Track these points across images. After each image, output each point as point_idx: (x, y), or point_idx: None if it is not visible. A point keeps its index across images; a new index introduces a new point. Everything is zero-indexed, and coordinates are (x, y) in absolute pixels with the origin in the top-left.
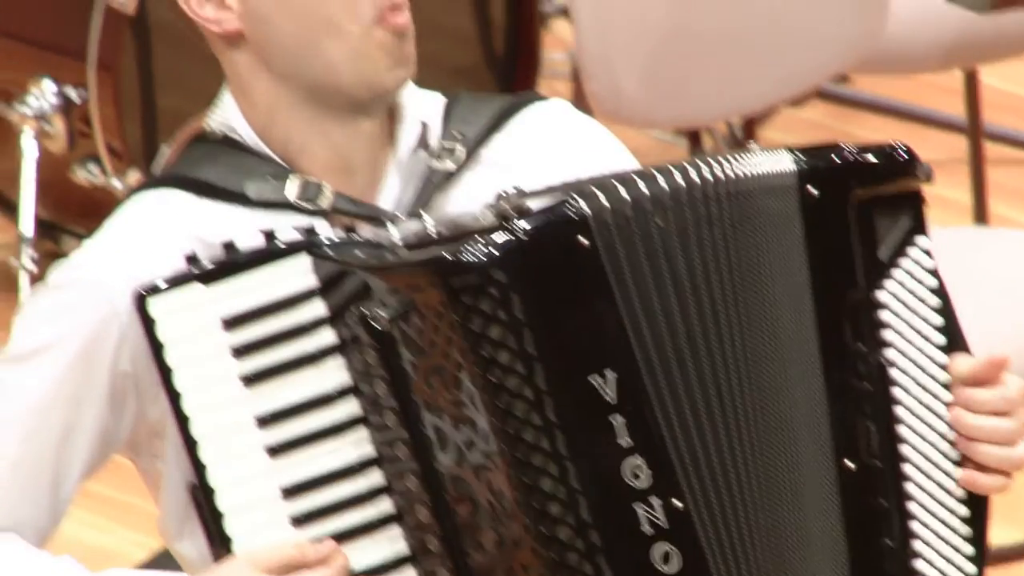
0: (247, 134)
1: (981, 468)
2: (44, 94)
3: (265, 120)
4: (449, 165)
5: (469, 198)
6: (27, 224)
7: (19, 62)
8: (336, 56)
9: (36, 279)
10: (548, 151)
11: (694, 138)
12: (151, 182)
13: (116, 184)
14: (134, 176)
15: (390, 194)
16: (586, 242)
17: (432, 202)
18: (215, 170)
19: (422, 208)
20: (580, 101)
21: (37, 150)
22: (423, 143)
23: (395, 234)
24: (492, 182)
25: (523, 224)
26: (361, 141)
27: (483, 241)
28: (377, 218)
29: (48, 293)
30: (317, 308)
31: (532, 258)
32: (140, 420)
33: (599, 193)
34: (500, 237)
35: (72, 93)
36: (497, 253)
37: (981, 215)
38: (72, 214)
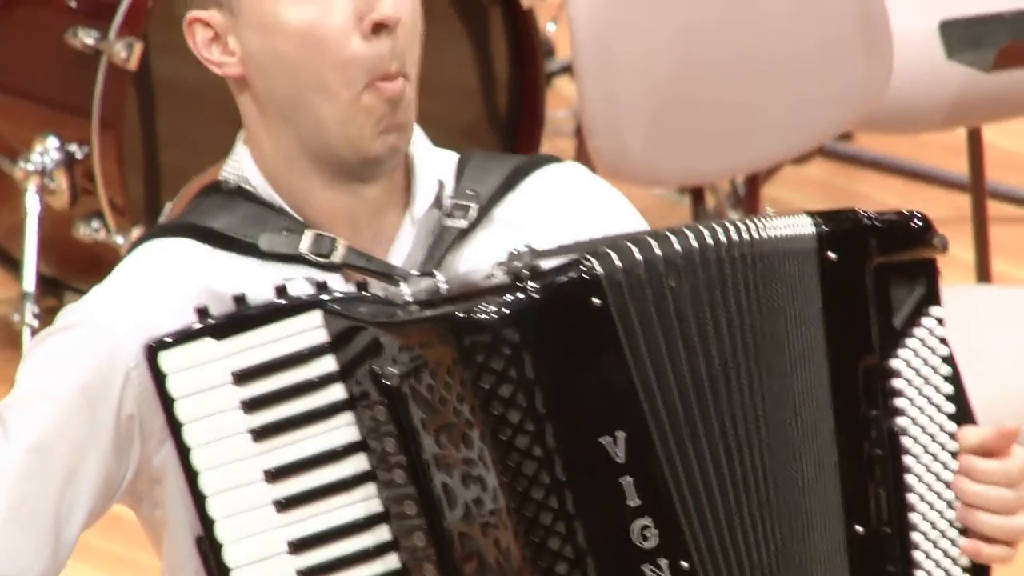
0: (259, 184)
1: (986, 538)
2: (48, 151)
3: (273, 169)
4: (462, 223)
5: (481, 256)
6: (29, 280)
7: (24, 119)
8: (325, 117)
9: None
10: (561, 212)
11: (697, 195)
12: (160, 230)
13: (119, 240)
14: (137, 233)
15: (402, 250)
16: (598, 302)
17: (444, 260)
18: (227, 220)
19: (434, 266)
20: (583, 158)
21: (40, 206)
22: (437, 202)
23: (407, 291)
24: (504, 241)
25: (535, 283)
26: (364, 202)
27: (495, 300)
28: (389, 275)
29: (53, 335)
30: (328, 364)
31: (544, 317)
32: (143, 465)
33: (612, 253)
34: (512, 296)
35: (75, 149)
36: (509, 312)
37: (984, 273)
38: (75, 270)
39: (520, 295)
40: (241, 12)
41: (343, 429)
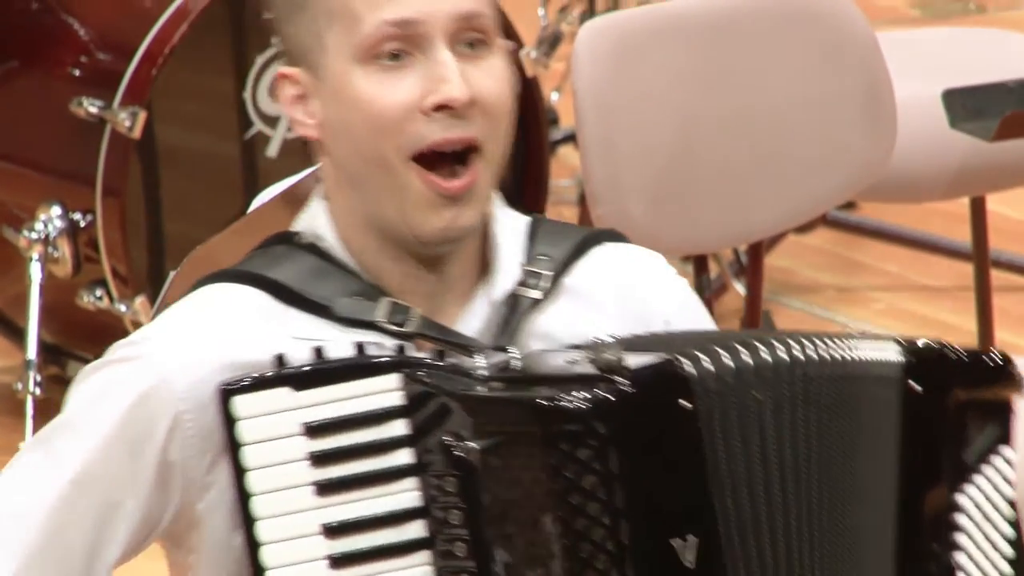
0: (333, 243)
1: None
2: (52, 219)
3: (348, 231)
4: (535, 293)
5: (550, 325)
6: (32, 348)
7: (28, 188)
8: (383, 190)
9: (41, 404)
10: (627, 289)
11: (700, 264)
12: (224, 275)
13: (121, 309)
14: (140, 301)
15: (475, 321)
16: (688, 405)
17: (518, 331)
18: (296, 275)
19: (508, 336)
20: (586, 226)
21: (43, 274)
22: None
23: (482, 364)
24: (572, 311)
25: (628, 378)
26: (434, 277)
27: (586, 389)
28: (464, 347)
29: (104, 367)
30: (399, 428)
31: (634, 413)
32: (184, 510)
33: (704, 357)
34: (604, 388)
35: (79, 218)
36: (601, 404)
37: (986, 342)
38: (78, 338)
39: (612, 389)
40: (325, 77)
41: (406, 494)
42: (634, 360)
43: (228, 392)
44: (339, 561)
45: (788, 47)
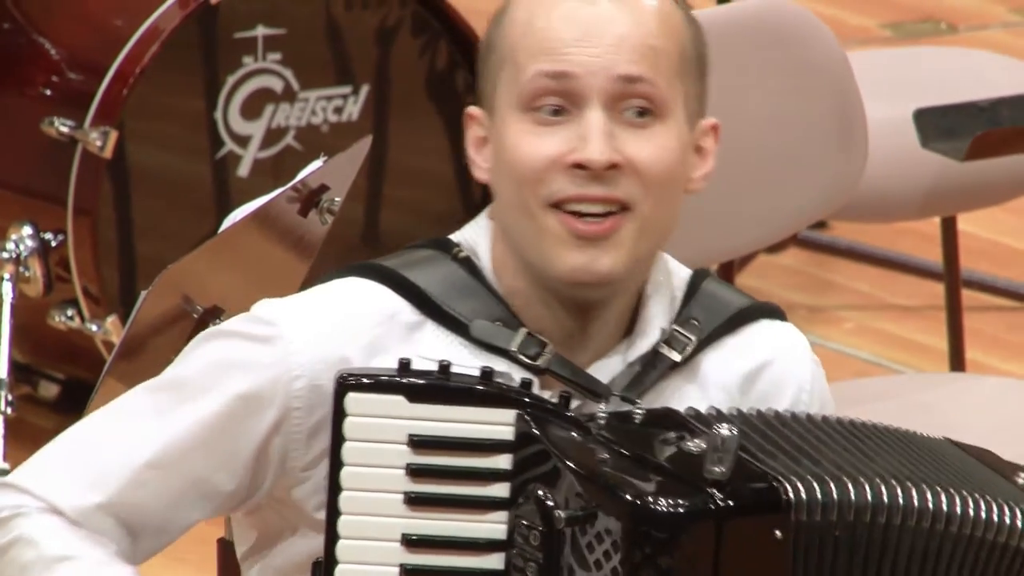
0: (486, 265)
1: None
2: (23, 239)
3: (512, 268)
4: (676, 356)
5: (683, 390)
6: (2, 367)
7: (0, 208)
8: (524, 233)
9: (12, 423)
10: (760, 373)
11: None
12: (370, 270)
13: (93, 328)
14: (111, 321)
15: (610, 367)
16: (780, 535)
17: (650, 388)
18: (442, 286)
19: (640, 393)
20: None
21: (14, 294)
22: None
23: (602, 413)
24: (709, 382)
25: (729, 497)
26: (574, 323)
27: (685, 497)
28: (591, 391)
29: (235, 337)
30: (503, 462)
31: (724, 532)
32: (275, 494)
33: (814, 485)
34: (701, 498)
35: (51, 237)
36: (692, 516)
37: (957, 362)
38: (49, 358)
39: (709, 500)
40: (494, 121)
41: (492, 525)
42: (740, 474)
43: (345, 386)
44: (411, 573)
45: (759, 67)
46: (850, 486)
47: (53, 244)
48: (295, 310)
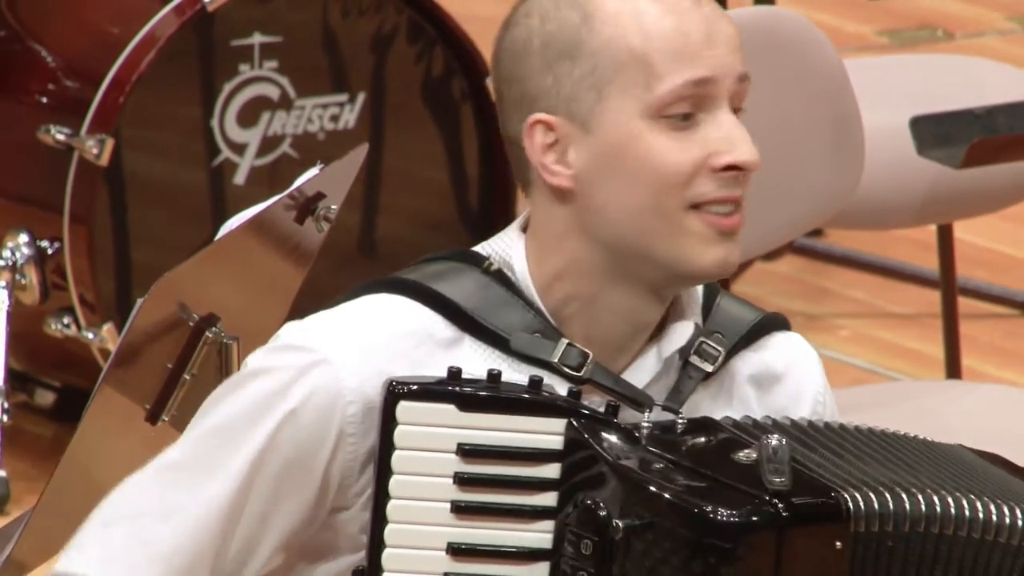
0: (522, 276)
1: None
2: (19, 246)
3: (552, 276)
4: (708, 367)
5: (711, 401)
6: None
7: None
8: (656, 235)
9: (8, 431)
10: (775, 386)
11: None
12: (401, 286)
13: (89, 336)
14: (107, 329)
15: (642, 375)
16: (839, 545)
17: (686, 399)
18: (478, 300)
19: (680, 402)
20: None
21: (10, 301)
22: (692, 343)
23: (646, 422)
24: (734, 394)
25: (788, 503)
26: (640, 320)
27: (746, 508)
28: (635, 400)
29: (277, 372)
30: (551, 471)
31: (786, 541)
32: (333, 514)
33: (872, 497)
34: (764, 512)
35: (47, 245)
36: (756, 526)
37: (953, 369)
38: (45, 365)
39: (771, 514)
40: (599, 129)
41: (541, 535)
42: (800, 485)
43: (396, 395)
44: None
45: (756, 74)
46: (904, 497)
47: (49, 252)
48: (333, 333)
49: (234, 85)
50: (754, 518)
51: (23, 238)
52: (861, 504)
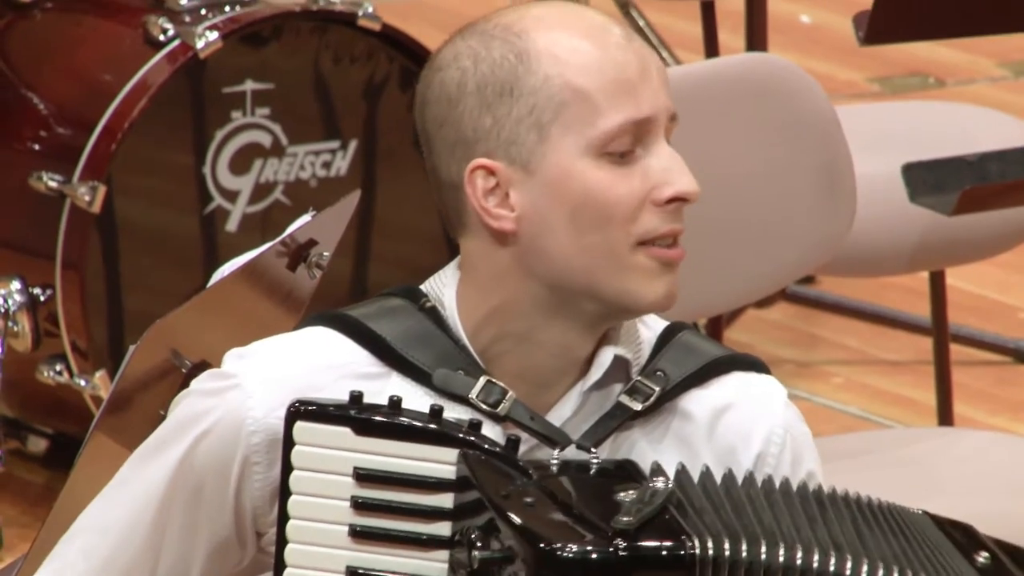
0: (452, 316)
1: None
2: (11, 293)
3: (486, 314)
4: (636, 405)
5: (648, 441)
6: None
7: None
8: (601, 272)
9: (2, 478)
10: (729, 425)
11: None
12: (333, 319)
13: (81, 383)
14: (100, 376)
15: (565, 410)
16: None
17: (611, 437)
18: (405, 335)
19: (597, 440)
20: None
21: (2, 348)
22: (625, 374)
23: (554, 460)
24: (675, 433)
25: (630, 544)
26: (572, 355)
27: (586, 542)
28: (548, 438)
29: (194, 394)
30: (445, 500)
31: None
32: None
33: (725, 542)
34: (600, 548)
35: (39, 292)
36: (593, 565)
37: (945, 416)
38: (38, 413)
39: (609, 549)
40: (540, 169)
41: (434, 564)
42: (652, 527)
43: (294, 415)
44: None
45: (748, 121)
46: (763, 547)
47: (41, 299)
48: (256, 362)
49: (226, 132)
50: (592, 555)
51: (15, 285)
52: (711, 551)
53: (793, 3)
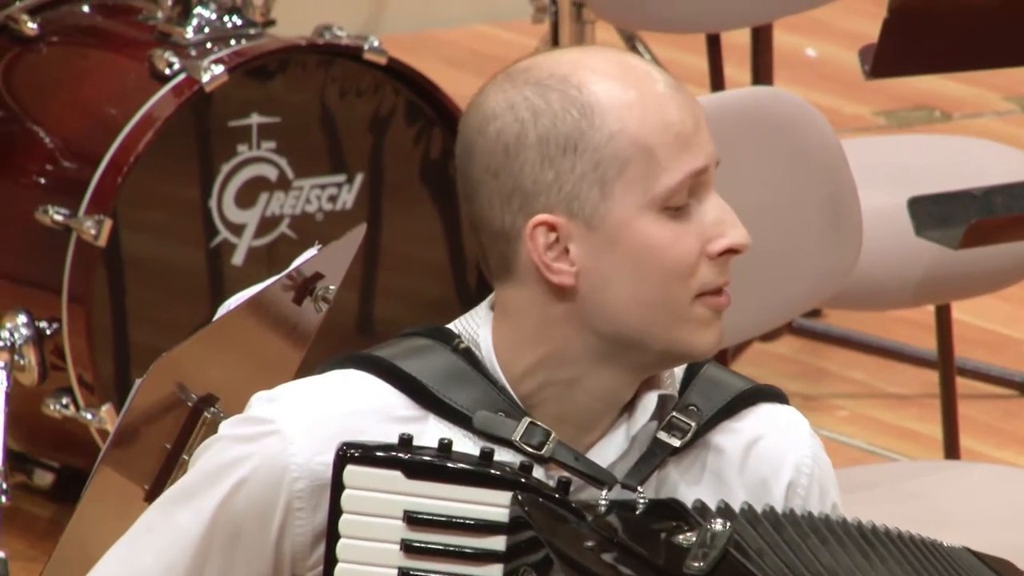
0: (489, 357)
1: None
2: (18, 327)
3: (531, 364)
4: (675, 442)
5: (685, 476)
6: None
7: None
8: (658, 324)
9: (8, 511)
10: (759, 458)
11: None
12: (365, 361)
13: (88, 417)
14: (106, 409)
15: (609, 451)
16: None
17: (650, 475)
18: (440, 377)
19: (641, 479)
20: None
21: (8, 382)
22: (657, 412)
23: (603, 501)
24: (710, 468)
25: None
26: (616, 399)
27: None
28: (594, 478)
29: (231, 441)
30: (497, 543)
31: None
32: None
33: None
34: None
35: (45, 326)
36: None
37: (952, 449)
38: (44, 446)
39: None
40: (602, 225)
41: None
42: (722, 571)
43: (344, 459)
44: None
45: (754, 155)
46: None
47: (48, 332)
48: (292, 406)
49: (232, 166)
50: None
51: (21, 319)
52: None
53: (799, 37)
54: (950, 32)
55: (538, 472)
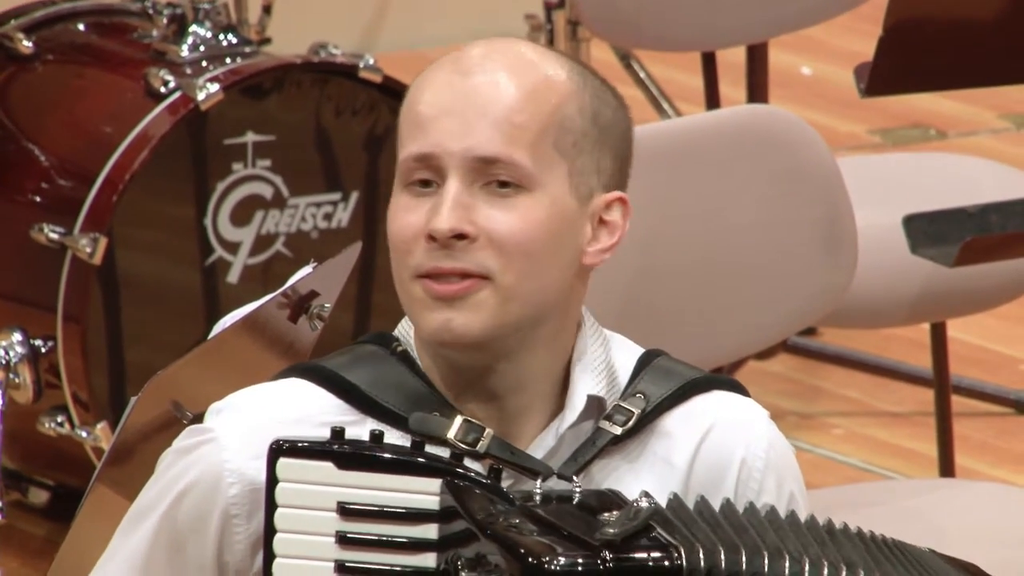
0: (419, 355)
1: None
2: (13, 345)
3: (422, 353)
4: (615, 429)
5: (629, 466)
6: None
7: None
8: (402, 301)
9: (3, 529)
10: (712, 445)
11: None
12: (306, 371)
13: (83, 435)
14: (101, 427)
15: (547, 443)
16: None
17: (592, 463)
18: (377, 382)
19: (578, 468)
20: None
21: (3, 400)
22: (599, 408)
23: (537, 488)
24: (657, 454)
25: (617, 554)
26: (496, 400)
27: (572, 554)
28: (530, 470)
29: (173, 453)
30: (429, 531)
31: None
32: None
33: (720, 552)
34: (588, 559)
35: (40, 344)
36: (580, 573)
37: (947, 468)
38: (39, 464)
39: (596, 560)
40: None
41: None
42: (639, 538)
43: (276, 452)
44: None
45: (749, 173)
46: (766, 560)
47: (43, 350)
48: (232, 415)
49: (227, 184)
50: (579, 564)
51: (16, 337)
52: (702, 561)
53: (794, 55)
54: (945, 50)
55: (475, 467)
